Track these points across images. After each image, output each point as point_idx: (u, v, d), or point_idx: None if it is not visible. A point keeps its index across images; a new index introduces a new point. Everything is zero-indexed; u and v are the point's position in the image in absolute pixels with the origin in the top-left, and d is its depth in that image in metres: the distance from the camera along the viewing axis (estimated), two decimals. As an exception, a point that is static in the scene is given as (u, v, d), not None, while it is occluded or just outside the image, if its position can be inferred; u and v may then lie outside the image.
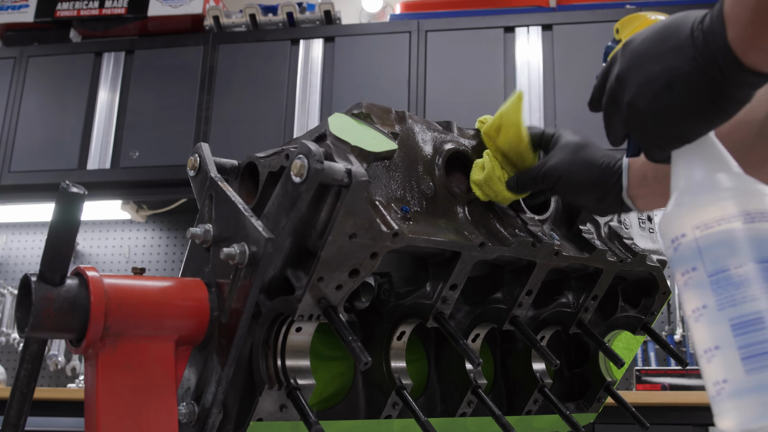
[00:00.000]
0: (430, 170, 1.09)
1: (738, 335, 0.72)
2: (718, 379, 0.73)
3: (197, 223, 1.08)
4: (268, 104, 3.90)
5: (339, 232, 0.92)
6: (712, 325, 0.74)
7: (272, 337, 1.01)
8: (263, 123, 3.86)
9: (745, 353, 0.71)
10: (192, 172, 1.14)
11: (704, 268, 0.75)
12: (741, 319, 0.72)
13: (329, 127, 1.00)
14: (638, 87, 0.81)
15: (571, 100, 3.57)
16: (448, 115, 1.20)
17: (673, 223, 0.79)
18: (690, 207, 0.77)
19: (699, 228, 0.76)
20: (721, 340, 0.73)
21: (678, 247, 0.78)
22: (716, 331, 0.73)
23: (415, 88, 3.76)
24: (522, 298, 1.18)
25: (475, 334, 1.23)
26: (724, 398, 0.72)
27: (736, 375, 0.71)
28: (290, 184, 0.93)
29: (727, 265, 0.74)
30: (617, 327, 1.39)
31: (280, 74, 3.94)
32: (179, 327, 0.97)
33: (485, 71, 3.75)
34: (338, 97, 3.82)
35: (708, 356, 0.74)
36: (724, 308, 0.73)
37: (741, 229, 0.74)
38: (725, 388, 0.72)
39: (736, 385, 0.72)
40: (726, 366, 0.72)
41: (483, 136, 1.15)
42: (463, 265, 1.07)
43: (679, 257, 0.78)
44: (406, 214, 1.01)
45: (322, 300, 0.97)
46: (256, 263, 0.95)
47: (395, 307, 1.15)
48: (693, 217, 0.77)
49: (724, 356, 0.73)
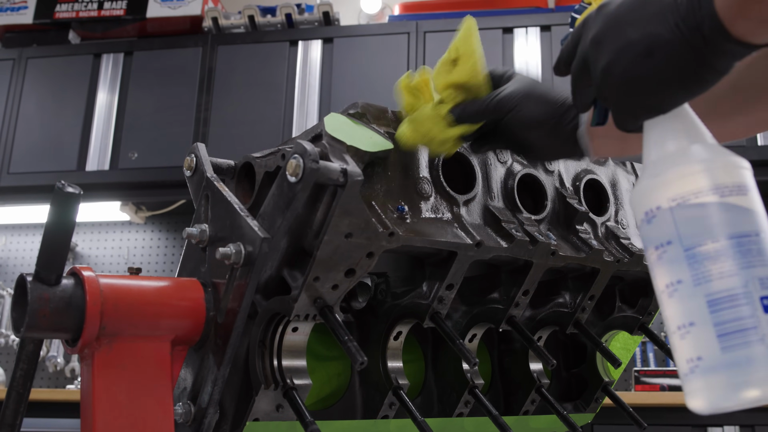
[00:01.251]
0: (427, 170, 1.09)
1: (714, 312, 0.70)
2: (692, 357, 0.71)
3: (193, 223, 1.08)
4: (266, 105, 3.90)
5: (335, 232, 0.92)
6: (687, 300, 0.72)
7: (268, 337, 1.01)
8: (262, 124, 3.86)
9: (720, 330, 0.69)
10: (188, 172, 1.14)
11: (680, 242, 0.73)
12: (717, 296, 0.70)
13: (325, 127, 1.00)
14: (615, 53, 0.78)
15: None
16: (446, 116, 1.20)
17: (647, 196, 0.76)
18: (666, 179, 0.75)
19: (675, 200, 0.73)
20: (696, 316, 0.71)
21: (652, 219, 0.75)
22: (691, 307, 0.71)
23: (414, 90, 3.76)
24: (519, 298, 1.18)
25: (472, 334, 1.23)
26: (697, 376, 0.70)
27: (712, 352, 0.69)
28: (286, 184, 0.93)
29: (704, 240, 0.72)
30: (614, 327, 1.39)
31: (279, 75, 3.94)
32: (175, 327, 0.97)
33: (484, 72, 3.75)
34: (337, 99, 3.82)
35: (681, 333, 0.72)
36: (700, 284, 0.71)
37: (719, 202, 0.72)
38: (699, 366, 0.70)
39: (711, 362, 0.69)
40: (701, 343, 0.70)
41: (433, 73, 1.04)
42: (460, 265, 1.07)
43: (652, 230, 0.75)
44: (402, 214, 1.01)
45: (318, 300, 0.97)
46: (251, 263, 0.95)
47: (392, 307, 1.15)
48: (669, 189, 0.74)
49: (699, 333, 0.70)
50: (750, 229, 0.72)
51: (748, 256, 0.70)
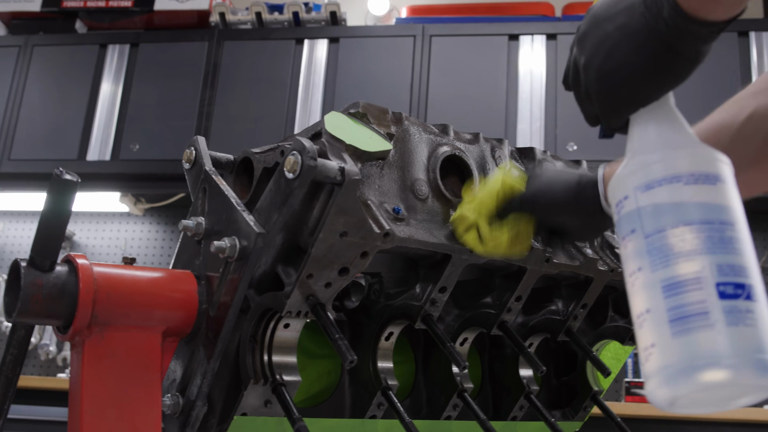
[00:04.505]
0: (425, 172, 1.09)
1: (667, 297, 0.69)
2: (647, 344, 0.70)
3: (190, 216, 1.08)
4: (270, 103, 3.90)
5: (330, 230, 0.93)
6: (645, 288, 0.72)
7: (260, 332, 1.01)
8: (264, 121, 3.86)
9: (672, 315, 0.69)
10: (187, 164, 1.14)
11: (642, 230, 0.73)
12: (671, 281, 0.70)
13: (325, 125, 1.00)
14: (592, 48, 0.80)
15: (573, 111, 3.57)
16: (449, 121, 1.21)
17: (617, 187, 0.77)
18: (633, 169, 0.76)
19: (639, 189, 0.74)
20: (652, 303, 0.71)
21: (621, 210, 0.76)
22: (648, 294, 0.71)
23: (417, 92, 3.76)
24: (511, 304, 1.18)
25: (463, 338, 1.23)
26: (651, 364, 0.70)
27: (664, 338, 0.69)
28: (283, 180, 0.94)
29: (663, 226, 0.72)
30: (606, 336, 1.39)
31: (284, 73, 3.94)
32: (167, 318, 0.97)
33: (488, 78, 3.76)
34: (341, 98, 3.83)
35: (640, 321, 0.72)
36: (657, 270, 0.71)
37: (680, 190, 0.73)
38: (653, 353, 0.70)
39: (662, 349, 0.69)
40: (654, 329, 0.70)
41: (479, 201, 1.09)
42: (453, 268, 1.07)
43: (621, 221, 0.76)
44: (398, 215, 1.01)
45: (311, 297, 0.97)
46: (246, 257, 0.95)
47: (384, 308, 1.15)
48: (635, 178, 0.75)
49: (654, 319, 0.70)
50: (713, 217, 0.72)
51: (708, 243, 0.70)
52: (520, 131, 3.62)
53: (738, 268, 0.70)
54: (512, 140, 3.58)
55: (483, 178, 1.15)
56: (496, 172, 1.09)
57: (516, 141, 3.59)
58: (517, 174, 1.08)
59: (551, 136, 3.61)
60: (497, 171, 1.09)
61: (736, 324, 0.67)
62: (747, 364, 0.66)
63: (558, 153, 3.52)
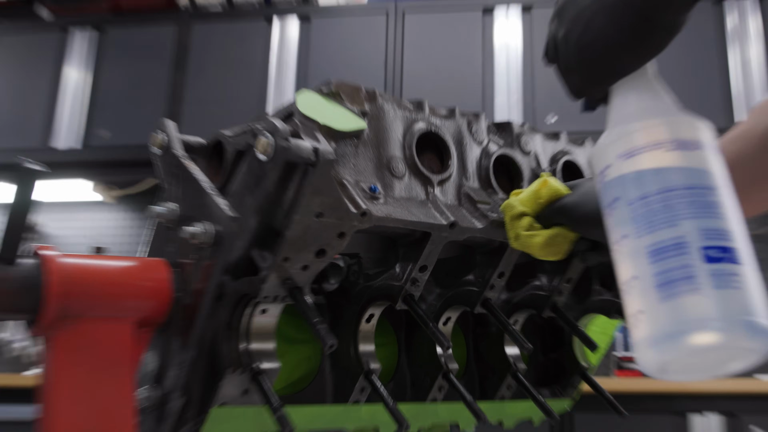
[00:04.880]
0: (401, 150, 1.08)
1: (653, 262, 0.70)
2: (635, 311, 0.71)
3: (161, 202, 1.06)
4: (242, 84, 3.86)
5: (305, 212, 0.91)
6: (631, 255, 0.73)
7: (236, 319, 1.00)
8: (237, 103, 3.83)
9: (659, 280, 0.69)
10: (157, 150, 1.12)
11: (625, 197, 0.74)
12: (657, 246, 0.71)
13: (297, 105, 0.99)
14: (570, 21, 0.81)
15: (550, 84, 3.56)
16: (425, 98, 1.19)
17: (599, 156, 0.78)
18: (614, 137, 0.77)
19: (621, 157, 0.75)
20: (638, 269, 0.71)
21: (604, 179, 0.77)
22: (634, 260, 0.72)
23: (392, 70, 3.74)
24: (494, 281, 1.17)
25: (446, 317, 1.22)
26: (640, 330, 0.70)
27: (651, 304, 0.70)
28: (255, 162, 0.92)
29: (646, 192, 0.73)
30: (592, 311, 1.38)
31: (255, 54, 3.91)
32: (139, 308, 0.95)
33: (463, 53, 3.74)
34: (314, 78, 3.80)
35: (627, 288, 0.72)
36: (642, 236, 0.72)
37: (661, 156, 0.74)
38: (641, 320, 0.70)
39: (650, 314, 0.70)
40: (642, 296, 0.70)
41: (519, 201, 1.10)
42: (433, 245, 1.06)
43: (604, 189, 0.77)
44: (374, 194, 1.00)
45: (288, 281, 0.96)
46: (219, 243, 0.94)
47: (364, 289, 1.14)
48: (617, 146, 0.76)
49: (641, 285, 0.71)
50: (696, 182, 0.72)
51: (692, 208, 0.71)
52: (497, 105, 3.61)
53: (722, 231, 0.70)
54: (490, 114, 3.57)
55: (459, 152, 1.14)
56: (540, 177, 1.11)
57: (494, 115, 3.58)
58: (557, 181, 1.09)
59: (530, 109, 3.60)
60: (542, 176, 1.10)
61: (723, 287, 0.68)
62: (735, 325, 0.67)
63: (537, 124, 3.51)
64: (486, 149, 1.19)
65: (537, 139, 1.28)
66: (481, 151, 1.19)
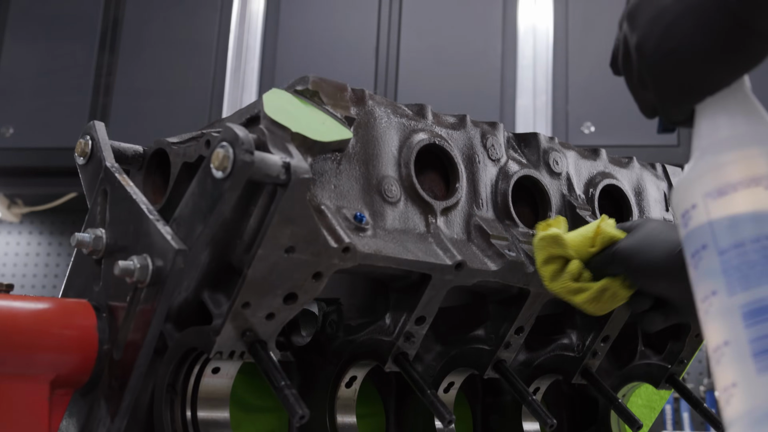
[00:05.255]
0: (395, 168, 1.10)
1: (749, 326, 0.72)
2: (728, 383, 0.73)
3: (86, 227, 1.08)
4: (190, 72, 3.88)
5: (272, 245, 0.93)
6: (721, 316, 0.74)
7: (180, 380, 1.01)
8: (183, 96, 3.84)
9: (756, 348, 0.71)
10: (81, 159, 1.14)
11: (715, 245, 0.76)
12: (753, 306, 0.72)
13: (264, 108, 1.00)
14: (647, 25, 0.83)
15: (588, 81, 3.60)
16: (427, 96, 1.22)
17: (684, 193, 0.80)
18: (701, 171, 0.78)
19: (711, 195, 0.77)
20: (730, 333, 0.73)
21: (688, 222, 0.79)
22: (726, 322, 0.74)
23: (385, 61, 3.77)
24: (510, 337, 1.19)
25: (448, 382, 1.24)
26: (733, 407, 0.72)
27: (746, 376, 0.71)
28: (210, 180, 0.94)
29: (741, 240, 0.74)
30: (636, 378, 1.40)
31: (208, 34, 3.92)
32: (56, 364, 0.96)
33: (477, 39, 3.77)
34: (284, 68, 3.82)
35: (717, 356, 0.74)
36: (735, 293, 0.73)
37: (760, 195, 0.75)
38: (734, 394, 0.72)
39: (746, 388, 0.71)
40: (735, 365, 0.72)
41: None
42: (434, 291, 1.08)
43: (689, 235, 0.79)
44: (360, 224, 1.02)
45: (248, 332, 0.97)
46: (161, 282, 0.95)
47: (345, 345, 1.16)
48: (704, 183, 0.78)
49: (734, 353, 0.73)
50: None
51: None
52: (520, 109, 3.63)
53: None
54: (510, 121, 3.59)
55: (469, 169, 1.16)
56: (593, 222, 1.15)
57: (515, 122, 3.60)
58: (614, 224, 1.13)
59: (561, 115, 3.62)
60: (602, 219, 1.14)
61: None
62: None
63: (571, 137, 3.54)
64: (504, 169, 1.22)
65: (570, 157, 1.31)
66: (497, 171, 1.21)
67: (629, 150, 1.39)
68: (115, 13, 4.01)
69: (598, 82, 3.50)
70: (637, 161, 1.39)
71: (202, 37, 3.92)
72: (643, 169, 1.40)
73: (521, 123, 3.60)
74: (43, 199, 4.26)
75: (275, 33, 3.90)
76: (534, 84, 3.67)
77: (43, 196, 4.22)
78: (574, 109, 3.62)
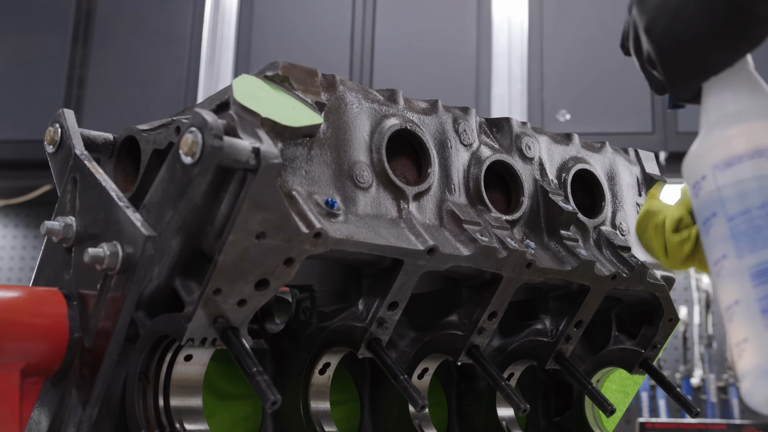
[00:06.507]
0: (367, 153, 1.10)
1: (758, 285, 0.80)
2: (740, 339, 0.80)
3: (56, 215, 1.08)
4: (164, 62, 3.87)
5: (243, 230, 0.93)
6: (732, 277, 0.82)
7: (153, 367, 1.01)
8: (158, 87, 3.83)
9: (764, 305, 0.79)
10: (51, 147, 1.13)
11: (724, 213, 0.83)
12: (761, 267, 0.80)
13: (233, 93, 1.00)
14: (655, 9, 0.90)
15: (563, 69, 3.61)
16: (402, 85, 1.22)
17: (693, 165, 0.87)
18: (710, 144, 0.86)
19: (718, 167, 0.84)
20: (741, 293, 0.81)
21: (698, 192, 0.86)
22: (736, 283, 0.81)
23: (360, 50, 3.77)
24: (483, 323, 1.19)
25: (422, 368, 1.24)
26: (745, 361, 0.79)
27: (756, 332, 0.79)
28: (179, 166, 0.93)
29: (747, 207, 0.82)
30: (609, 364, 1.41)
31: (182, 25, 3.92)
32: (26, 352, 0.96)
33: (452, 30, 3.78)
34: (258, 57, 3.82)
35: (729, 314, 0.82)
36: (744, 256, 0.81)
37: (765, 165, 0.82)
38: (746, 349, 0.79)
39: (756, 343, 0.79)
40: (746, 322, 0.80)
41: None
42: (407, 277, 1.08)
43: (699, 204, 0.86)
44: (332, 209, 1.02)
45: (220, 319, 0.97)
46: (131, 269, 0.95)
47: (318, 331, 1.16)
48: (713, 155, 0.85)
49: (744, 311, 0.80)
50: None
51: None
52: (495, 97, 3.65)
53: None
54: (485, 109, 3.60)
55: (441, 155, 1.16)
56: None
57: (490, 110, 3.61)
58: None
59: (536, 102, 3.64)
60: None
61: None
62: None
63: (546, 125, 3.55)
64: (476, 154, 1.22)
65: (542, 142, 1.31)
66: (470, 156, 1.21)
67: (604, 137, 1.40)
68: (88, 5, 4.00)
69: (573, 70, 3.52)
70: (610, 146, 1.40)
71: (176, 27, 3.92)
72: (615, 154, 1.40)
73: (496, 111, 3.61)
74: (17, 192, 4.25)
75: (249, 22, 3.90)
76: (509, 72, 3.68)
77: (18, 188, 4.21)
78: (549, 97, 3.64)
